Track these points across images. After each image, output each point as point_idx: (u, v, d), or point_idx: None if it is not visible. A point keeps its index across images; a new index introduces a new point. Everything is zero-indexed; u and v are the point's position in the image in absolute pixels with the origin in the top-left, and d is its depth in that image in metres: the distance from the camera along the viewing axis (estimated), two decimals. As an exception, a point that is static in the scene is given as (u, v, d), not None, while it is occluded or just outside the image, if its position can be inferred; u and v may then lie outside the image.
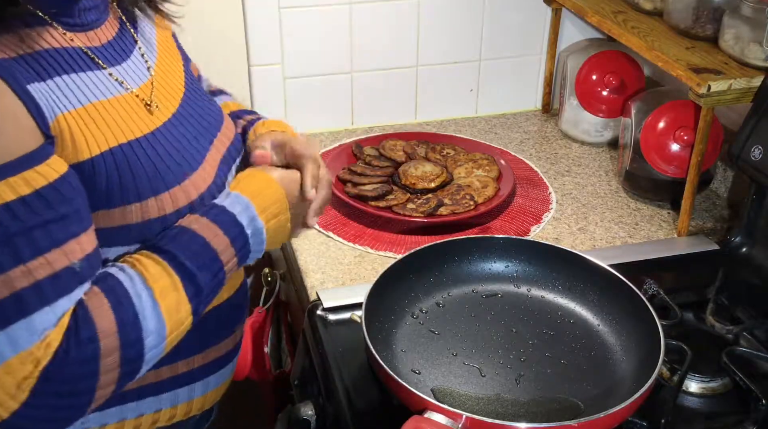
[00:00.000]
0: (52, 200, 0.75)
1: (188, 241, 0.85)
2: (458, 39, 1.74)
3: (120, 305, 0.79)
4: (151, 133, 0.88)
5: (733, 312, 1.18)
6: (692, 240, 1.37)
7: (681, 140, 1.39)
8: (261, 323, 1.59)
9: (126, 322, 0.79)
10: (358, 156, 1.58)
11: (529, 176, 1.58)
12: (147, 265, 0.83)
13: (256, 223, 0.91)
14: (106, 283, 0.80)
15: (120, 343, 0.78)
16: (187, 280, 0.84)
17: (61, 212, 0.75)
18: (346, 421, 1.00)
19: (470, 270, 1.18)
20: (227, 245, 0.88)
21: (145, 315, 0.80)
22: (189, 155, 0.91)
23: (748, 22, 1.27)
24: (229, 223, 0.89)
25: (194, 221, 0.87)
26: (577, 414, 0.96)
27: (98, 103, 0.83)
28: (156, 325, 0.81)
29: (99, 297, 0.78)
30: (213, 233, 0.87)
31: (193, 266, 0.84)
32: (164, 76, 0.97)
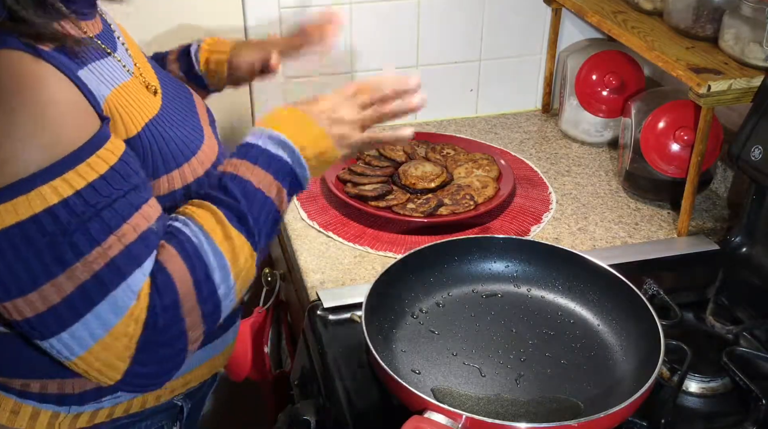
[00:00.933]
0: (124, 173, 0.80)
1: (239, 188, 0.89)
2: (458, 39, 1.74)
3: (184, 249, 0.84)
4: (160, 110, 0.94)
5: (733, 312, 1.18)
6: (692, 240, 1.37)
7: (681, 140, 1.39)
8: (261, 323, 1.59)
9: (193, 264, 0.83)
10: (358, 156, 1.58)
11: (529, 176, 1.58)
12: (195, 211, 0.87)
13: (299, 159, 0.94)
14: (177, 240, 0.85)
15: (194, 284, 0.83)
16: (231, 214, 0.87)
17: (133, 182, 0.81)
18: (346, 421, 1.00)
19: (470, 270, 1.18)
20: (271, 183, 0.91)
21: (205, 250, 0.84)
22: (192, 128, 0.98)
23: (748, 22, 1.27)
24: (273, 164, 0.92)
25: (239, 165, 0.90)
26: (577, 414, 0.96)
27: (121, 86, 0.88)
28: (215, 258, 0.85)
29: (166, 247, 0.84)
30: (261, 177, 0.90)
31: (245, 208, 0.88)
32: (140, 59, 1.02)
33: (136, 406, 0.99)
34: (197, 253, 0.84)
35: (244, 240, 0.87)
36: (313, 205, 1.47)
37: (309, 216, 1.44)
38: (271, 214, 0.91)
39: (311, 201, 1.48)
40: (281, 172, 0.92)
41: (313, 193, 1.51)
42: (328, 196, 1.49)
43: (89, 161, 0.77)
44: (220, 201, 0.88)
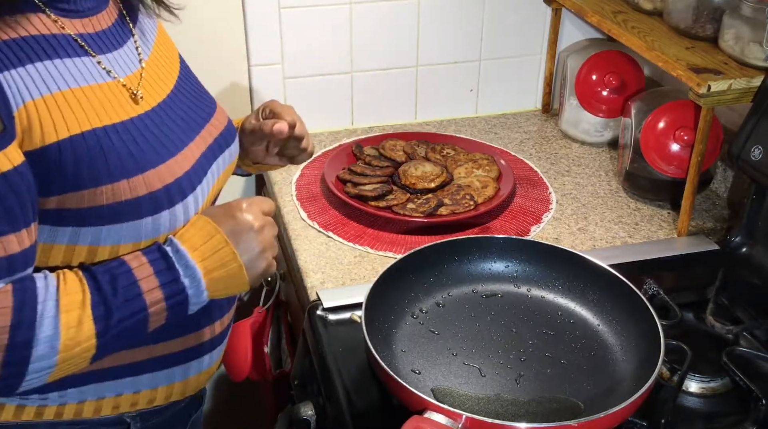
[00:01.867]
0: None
1: (114, 266, 0.85)
2: (458, 39, 1.74)
3: (22, 308, 0.78)
4: (131, 119, 0.89)
5: (733, 312, 1.18)
6: (692, 240, 1.37)
7: (681, 140, 1.39)
8: (261, 323, 1.59)
9: (21, 325, 0.78)
10: (358, 156, 1.58)
11: (529, 176, 1.58)
12: (68, 278, 0.83)
13: (197, 281, 0.88)
14: (21, 285, 0.80)
15: (8, 343, 0.77)
16: (98, 299, 0.82)
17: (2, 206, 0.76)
18: (346, 421, 1.00)
19: (470, 270, 1.18)
20: (156, 287, 0.86)
21: (43, 322, 0.79)
22: (169, 142, 0.92)
23: (748, 22, 1.27)
24: (164, 270, 0.87)
25: (134, 258, 0.87)
26: (577, 414, 0.96)
27: (78, 89, 0.84)
28: (50, 335, 0.79)
29: (6, 296, 0.78)
30: (138, 262, 0.86)
31: (108, 288, 0.83)
32: (156, 69, 0.98)
33: (69, 412, 0.96)
34: (31, 319, 0.78)
35: (93, 334, 0.82)
36: (313, 205, 1.47)
37: (309, 216, 1.44)
38: (135, 326, 0.86)
39: (311, 201, 1.48)
40: (174, 297, 0.87)
41: (313, 193, 1.51)
42: (328, 196, 1.49)
43: None
44: (98, 286, 0.83)
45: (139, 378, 0.98)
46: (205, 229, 0.90)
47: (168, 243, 0.89)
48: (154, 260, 0.87)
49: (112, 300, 0.83)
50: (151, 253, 0.88)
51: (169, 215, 0.89)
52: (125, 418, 1.01)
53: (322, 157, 1.64)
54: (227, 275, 0.90)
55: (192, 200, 0.93)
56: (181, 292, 0.87)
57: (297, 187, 1.53)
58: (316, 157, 1.64)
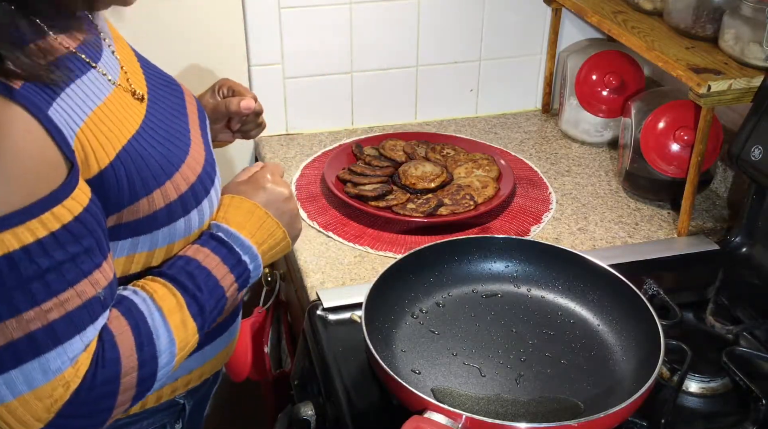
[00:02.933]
0: (78, 234, 0.76)
1: (193, 269, 0.90)
2: (458, 39, 1.74)
3: (137, 327, 0.83)
4: (144, 120, 0.90)
5: (733, 312, 1.18)
6: (692, 240, 1.37)
7: (681, 140, 1.39)
8: (261, 323, 1.59)
9: (143, 343, 0.83)
10: (358, 156, 1.58)
11: (529, 176, 1.58)
12: (155, 287, 0.87)
13: (255, 256, 0.95)
14: (124, 306, 0.84)
15: (138, 363, 0.82)
16: (190, 300, 0.88)
17: (85, 245, 0.77)
18: (346, 421, 1.00)
19: (470, 270, 1.18)
20: (227, 272, 0.92)
21: (159, 334, 0.84)
22: (179, 133, 0.94)
23: (748, 22, 1.27)
24: (227, 255, 0.93)
25: (196, 252, 0.91)
26: (577, 414, 0.96)
27: (100, 106, 0.83)
28: (168, 343, 0.85)
29: (120, 320, 0.82)
30: (214, 263, 0.91)
31: (195, 288, 0.88)
32: (127, 63, 0.97)
33: (136, 407, 0.98)
34: (149, 334, 0.83)
35: (196, 330, 0.88)
36: (313, 205, 1.47)
37: (309, 216, 1.44)
38: (220, 311, 0.92)
39: (311, 201, 1.48)
40: (242, 277, 0.94)
41: (313, 193, 1.51)
42: (328, 196, 1.49)
43: (43, 217, 0.73)
44: (184, 287, 0.88)
45: (191, 358, 1.00)
46: (243, 206, 0.97)
47: (216, 228, 0.94)
48: (215, 248, 0.92)
49: (200, 295, 0.88)
50: (208, 242, 0.92)
51: (207, 202, 0.94)
52: (178, 400, 1.04)
53: (322, 157, 1.64)
54: (275, 243, 0.98)
55: (217, 181, 0.98)
56: (245, 270, 0.94)
57: (297, 187, 1.53)
58: (316, 157, 1.64)
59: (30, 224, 0.72)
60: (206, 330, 0.90)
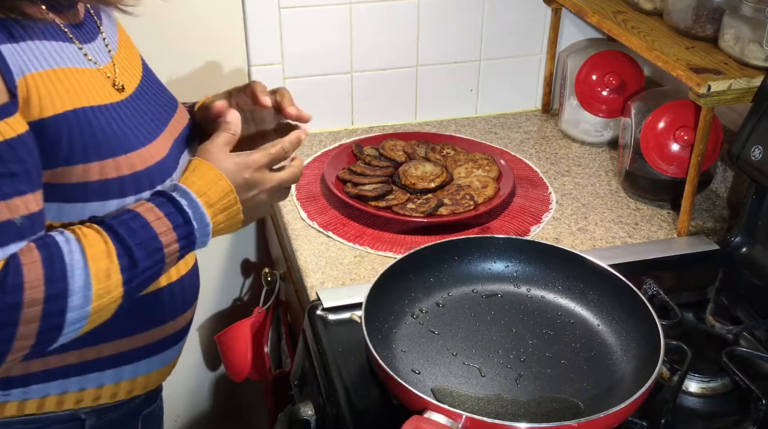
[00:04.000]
0: (5, 157, 0.79)
1: (130, 219, 0.88)
2: (458, 39, 1.74)
3: (50, 260, 0.81)
4: (114, 103, 0.93)
5: (733, 312, 1.18)
6: (692, 240, 1.37)
7: (681, 140, 1.39)
8: (261, 323, 1.59)
9: (53, 277, 0.80)
10: (358, 156, 1.58)
11: (529, 176, 1.58)
12: (86, 232, 0.85)
13: (202, 216, 0.92)
14: (43, 241, 0.83)
15: (44, 296, 0.79)
16: (122, 250, 0.85)
17: (11, 169, 0.79)
18: (346, 421, 1.00)
19: (470, 270, 1.18)
20: (169, 229, 0.89)
21: (74, 273, 0.81)
22: (146, 130, 0.97)
23: (748, 22, 1.27)
24: (173, 211, 0.90)
25: (139, 205, 0.90)
26: (577, 414, 0.96)
27: (67, 68, 0.88)
28: (82, 285, 0.82)
29: (32, 251, 0.81)
30: (155, 216, 0.89)
31: (131, 240, 0.86)
32: (123, 64, 1.02)
33: (32, 407, 0.96)
34: (62, 270, 0.81)
35: (121, 282, 0.85)
36: (313, 205, 1.47)
37: (309, 216, 1.44)
38: (155, 271, 0.89)
39: (311, 201, 1.48)
40: (186, 239, 0.91)
41: (313, 193, 1.51)
42: (328, 196, 1.49)
43: None
44: (117, 236, 0.85)
45: (104, 373, 0.99)
46: (219, 184, 0.94)
47: (181, 193, 0.91)
48: (162, 204, 0.90)
49: (134, 248, 0.86)
50: (165, 206, 0.90)
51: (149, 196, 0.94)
52: (80, 415, 1.01)
53: (322, 157, 1.64)
54: (228, 226, 0.96)
55: (169, 185, 0.96)
56: (191, 234, 0.92)
57: (297, 187, 1.53)
58: (316, 157, 1.64)
59: None
60: (137, 287, 0.87)
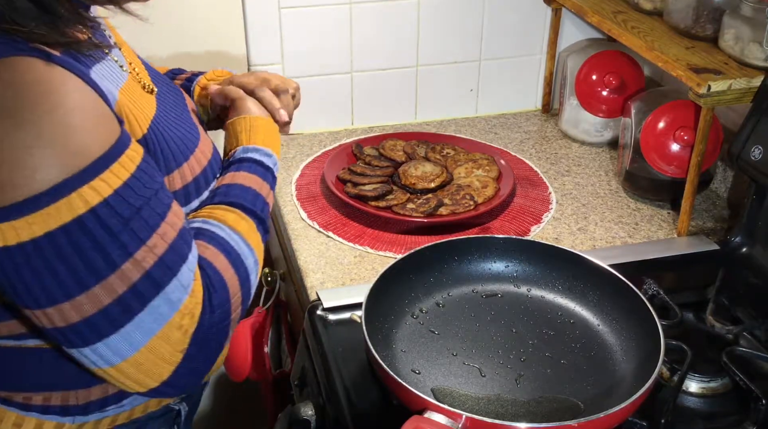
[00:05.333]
0: (151, 171, 0.80)
1: (243, 192, 0.97)
2: (458, 39, 1.74)
3: (227, 251, 0.88)
4: (158, 110, 0.94)
5: (733, 312, 1.18)
6: (692, 240, 1.37)
7: (681, 140, 1.39)
8: (261, 323, 1.59)
9: (237, 264, 0.88)
10: (358, 156, 1.58)
11: (529, 176, 1.58)
12: (223, 214, 0.93)
13: (276, 164, 1.05)
14: (206, 236, 0.89)
15: (239, 283, 0.88)
16: (254, 219, 0.96)
17: (159, 180, 0.82)
18: (346, 421, 1.00)
19: (470, 270, 1.18)
20: (267, 188, 1.01)
21: (246, 254, 0.90)
22: (185, 122, 0.99)
23: (748, 22, 1.27)
24: (262, 172, 1.02)
25: (237, 177, 0.99)
26: (577, 414, 0.96)
27: (123, 86, 0.88)
28: (254, 263, 0.92)
29: (209, 248, 0.87)
30: (256, 183, 0.99)
31: (253, 207, 0.96)
32: (133, 60, 1.02)
33: (138, 411, 0.98)
34: (238, 255, 0.89)
35: (262, 245, 0.96)
36: (313, 205, 1.47)
37: (309, 216, 1.44)
38: (267, 216, 1.00)
39: (311, 201, 1.48)
40: (273, 181, 1.04)
41: (313, 193, 1.51)
42: (328, 196, 1.49)
43: (121, 160, 0.76)
44: (248, 210, 0.95)
45: None
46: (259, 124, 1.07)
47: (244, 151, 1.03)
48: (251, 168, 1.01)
49: (260, 213, 0.97)
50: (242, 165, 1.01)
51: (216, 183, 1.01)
52: (173, 406, 1.04)
53: (322, 157, 1.64)
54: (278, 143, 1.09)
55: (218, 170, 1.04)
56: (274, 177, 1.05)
57: (297, 187, 1.53)
58: (316, 157, 1.64)
59: (113, 168, 0.75)
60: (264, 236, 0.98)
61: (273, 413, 1.64)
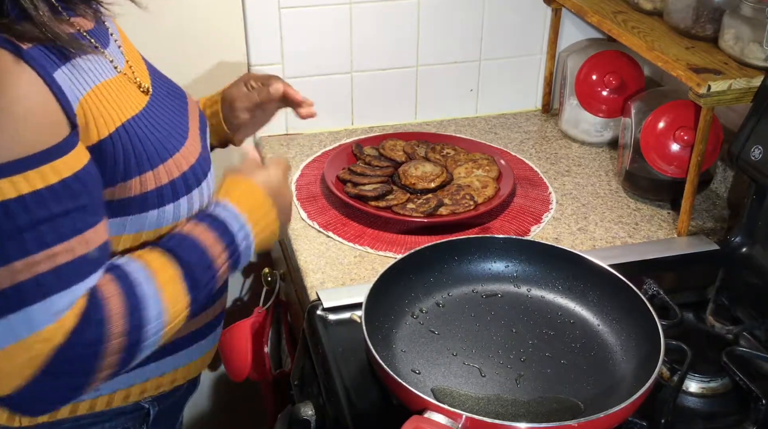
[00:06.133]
0: (75, 191, 0.79)
1: (189, 244, 0.90)
2: (458, 39, 1.74)
3: (129, 293, 0.83)
4: (144, 108, 0.94)
5: (733, 312, 1.18)
6: (692, 240, 1.37)
7: (681, 140, 1.39)
8: (261, 323, 1.59)
9: (133, 309, 0.83)
10: (358, 156, 1.58)
11: (529, 176, 1.58)
12: (152, 258, 0.87)
13: (248, 238, 0.96)
14: (117, 271, 0.84)
15: (125, 329, 0.82)
16: (186, 273, 0.88)
17: (82, 202, 0.79)
18: (346, 421, 1.00)
19: (470, 270, 1.18)
20: (221, 251, 0.92)
21: (149, 304, 0.84)
22: (178, 127, 0.98)
23: (748, 22, 1.27)
24: (224, 233, 0.93)
25: (194, 228, 0.92)
26: (577, 414, 0.96)
27: (104, 83, 0.88)
28: (157, 314, 0.84)
29: (112, 284, 0.82)
30: (211, 241, 0.92)
31: (192, 262, 0.89)
32: (134, 62, 1.03)
33: (101, 404, 0.98)
34: (139, 302, 0.83)
35: (187, 304, 0.88)
36: (313, 205, 1.47)
37: (309, 216, 1.44)
38: (210, 290, 0.92)
39: (311, 201, 1.48)
40: (234, 256, 0.95)
41: (313, 193, 1.51)
42: (328, 196, 1.49)
43: (42, 169, 0.76)
44: (180, 259, 0.88)
45: (164, 361, 1.01)
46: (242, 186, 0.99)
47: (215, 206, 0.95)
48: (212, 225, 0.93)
49: (195, 270, 0.89)
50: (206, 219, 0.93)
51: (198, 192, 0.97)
52: (143, 404, 1.04)
53: (322, 157, 1.64)
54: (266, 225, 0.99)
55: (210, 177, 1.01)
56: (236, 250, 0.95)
57: (297, 187, 1.53)
58: (316, 157, 1.64)
59: (28, 175, 0.75)
60: (195, 307, 0.90)
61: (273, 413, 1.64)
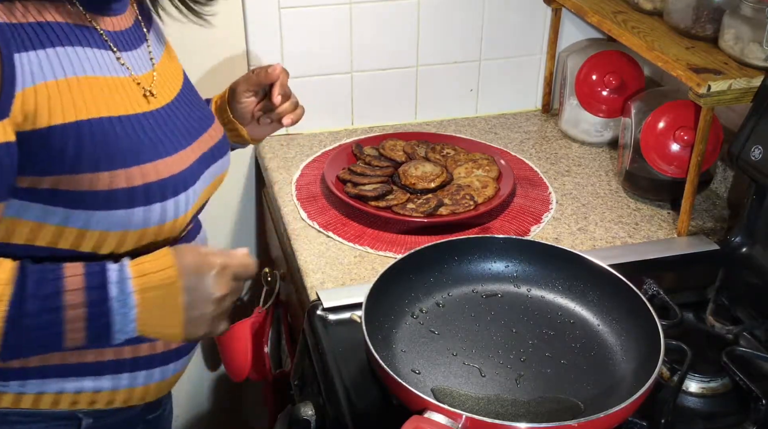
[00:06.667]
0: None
1: (49, 271, 0.85)
2: (458, 39, 1.74)
3: None
4: (138, 114, 0.94)
5: (733, 312, 1.18)
6: (692, 240, 1.37)
7: (681, 140, 1.39)
8: (261, 323, 1.59)
9: None
10: (358, 156, 1.58)
11: (529, 176, 1.58)
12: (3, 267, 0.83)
13: (126, 297, 0.86)
14: None
15: None
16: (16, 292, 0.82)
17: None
18: (346, 421, 1.00)
19: (470, 270, 1.18)
20: (80, 293, 0.84)
21: None
22: (168, 142, 0.96)
23: (748, 22, 1.27)
24: (97, 280, 0.86)
25: (74, 266, 0.86)
26: (577, 414, 0.96)
27: (93, 77, 0.89)
28: None
29: None
30: (74, 279, 0.85)
31: (31, 284, 0.83)
32: (163, 75, 1.04)
33: (27, 402, 0.97)
34: None
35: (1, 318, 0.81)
36: (313, 205, 1.47)
37: (309, 216, 1.44)
38: (44, 326, 0.83)
39: (311, 201, 1.48)
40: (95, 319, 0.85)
41: (313, 193, 1.51)
42: (328, 196, 1.49)
43: None
44: (22, 279, 0.83)
45: (101, 378, 0.99)
46: (167, 274, 0.88)
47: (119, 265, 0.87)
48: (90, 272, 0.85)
49: (29, 294, 0.82)
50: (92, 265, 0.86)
51: (160, 209, 0.93)
52: (78, 414, 1.01)
53: (322, 157, 1.64)
54: (161, 329, 0.89)
55: (183, 199, 0.96)
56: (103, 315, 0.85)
57: (297, 187, 1.53)
58: (316, 157, 1.64)
59: None
60: (13, 337, 0.82)
61: (273, 413, 1.64)
